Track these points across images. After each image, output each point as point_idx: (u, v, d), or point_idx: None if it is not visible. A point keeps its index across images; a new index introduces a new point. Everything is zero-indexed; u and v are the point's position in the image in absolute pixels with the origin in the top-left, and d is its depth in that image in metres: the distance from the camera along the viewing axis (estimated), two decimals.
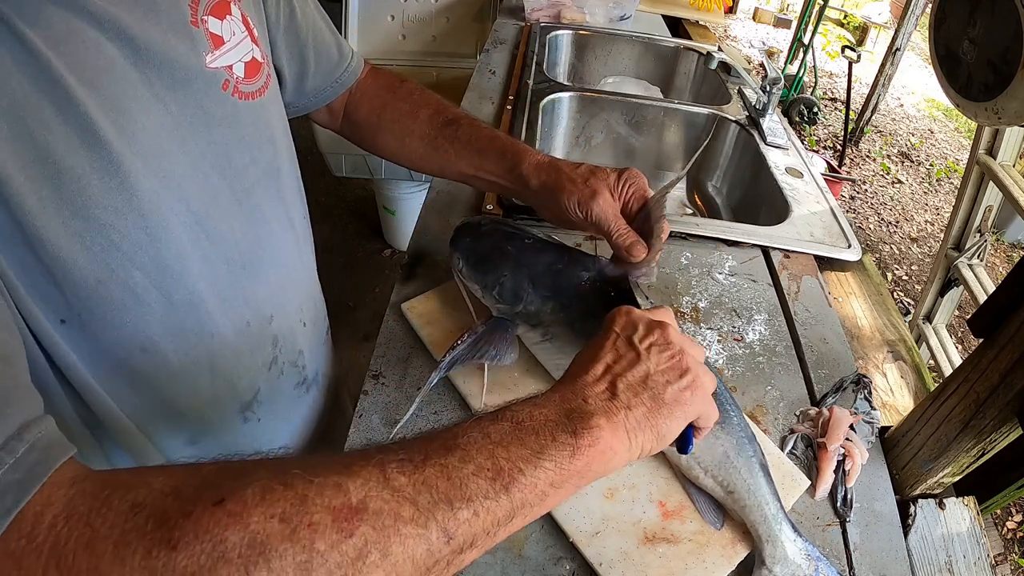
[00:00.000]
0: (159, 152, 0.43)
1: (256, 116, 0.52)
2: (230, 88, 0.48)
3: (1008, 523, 1.94)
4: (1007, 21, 0.61)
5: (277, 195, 0.58)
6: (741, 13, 5.97)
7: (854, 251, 0.92)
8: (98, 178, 0.40)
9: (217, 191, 0.49)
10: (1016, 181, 1.52)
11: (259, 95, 0.52)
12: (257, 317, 0.57)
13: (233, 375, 0.56)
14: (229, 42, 0.48)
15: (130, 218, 0.42)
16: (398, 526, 0.30)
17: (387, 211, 2.32)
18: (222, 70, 0.48)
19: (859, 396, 0.69)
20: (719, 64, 1.24)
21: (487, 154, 0.67)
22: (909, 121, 4.63)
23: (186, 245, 0.47)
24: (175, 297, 0.48)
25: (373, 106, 0.72)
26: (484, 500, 0.32)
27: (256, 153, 0.53)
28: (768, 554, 0.51)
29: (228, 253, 0.52)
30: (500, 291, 0.63)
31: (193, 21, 0.45)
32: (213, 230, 0.49)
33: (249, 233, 0.54)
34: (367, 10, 1.91)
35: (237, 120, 0.50)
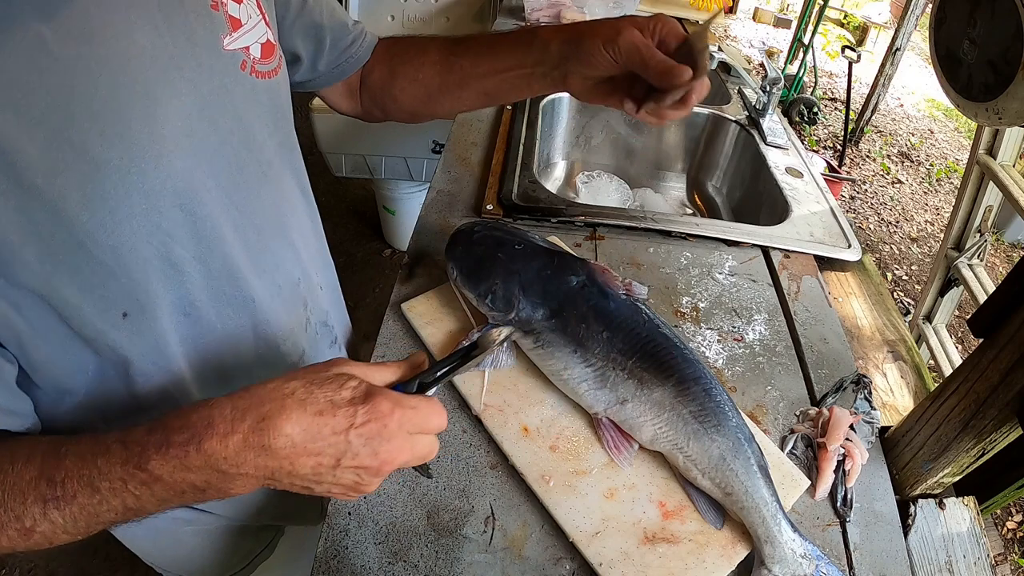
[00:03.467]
0: (189, 132, 0.46)
1: (272, 94, 0.55)
2: (248, 68, 0.51)
3: (1008, 523, 1.94)
4: (1007, 21, 0.61)
5: (291, 167, 0.61)
6: (741, 13, 5.97)
7: (854, 251, 0.92)
8: (134, 166, 0.42)
9: (244, 164, 0.52)
10: (1016, 181, 1.52)
11: (274, 75, 0.54)
12: (288, 281, 0.61)
13: (276, 338, 0.60)
14: (246, 24, 0.51)
15: (166, 198, 0.45)
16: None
17: (387, 211, 2.32)
18: (240, 51, 0.50)
19: (859, 396, 0.69)
20: (719, 64, 1.24)
21: (501, 48, 0.63)
22: (909, 121, 4.63)
23: (219, 217, 0.50)
24: (213, 266, 0.51)
25: (383, 62, 0.72)
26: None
27: (273, 128, 0.56)
28: (768, 554, 0.51)
29: (257, 222, 0.55)
30: (493, 299, 0.63)
31: (214, 5, 0.48)
32: (242, 201, 0.52)
33: (274, 203, 0.57)
34: (367, 10, 1.91)
35: (256, 98, 0.53)
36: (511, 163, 1.00)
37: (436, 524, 0.54)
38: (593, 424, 0.61)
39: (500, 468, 0.59)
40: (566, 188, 1.35)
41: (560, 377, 0.62)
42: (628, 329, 0.60)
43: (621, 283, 0.64)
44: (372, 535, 0.53)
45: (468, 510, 0.55)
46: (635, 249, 0.88)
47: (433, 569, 0.51)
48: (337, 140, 1.82)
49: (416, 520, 0.54)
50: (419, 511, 0.55)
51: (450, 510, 0.55)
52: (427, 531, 0.54)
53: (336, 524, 0.54)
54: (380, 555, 0.52)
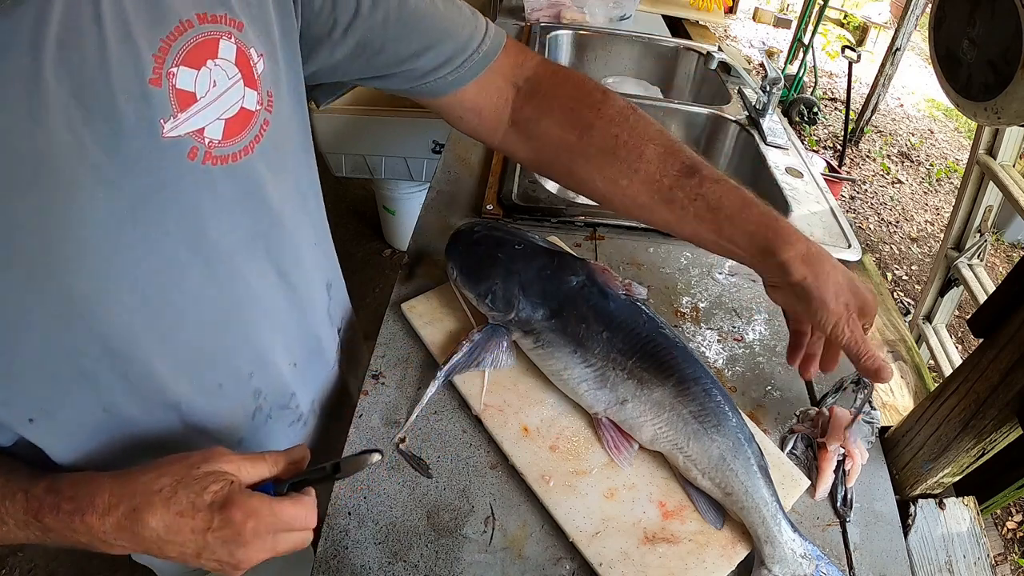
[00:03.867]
0: (104, 241, 0.39)
1: (240, 179, 0.45)
2: (199, 156, 0.41)
3: (1008, 523, 1.94)
4: (1007, 21, 0.61)
5: (266, 253, 0.52)
6: (741, 13, 5.97)
7: (854, 251, 0.92)
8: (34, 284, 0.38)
9: (184, 265, 0.45)
10: (1016, 181, 1.52)
11: (244, 154, 0.44)
12: (232, 378, 0.54)
13: (209, 431, 0.55)
14: (205, 97, 0.40)
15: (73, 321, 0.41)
16: None
17: (387, 211, 2.32)
18: (188, 136, 0.40)
19: (859, 396, 0.69)
20: (719, 64, 1.24)
21: (737, 225, 0.54)
22: (909, 121, 4.63)
23: (137, 329, 0.44)
24: (132, 375, 0.46)
25: (567, 121, 0.57)
26: None
27: (238, 218, 0.47)
28: (768, 554, 0.51)
29: (196, 321, 0.48)
30: (493, 299, 0.63)
31: (154, 79, 0.37)
32: (176, 303, 0.46)
33: (222, 303, 0.50)
34: None
35: (210, 190, 0.43)
36: (511, 163, 1.00)
37: (436, 524, 0.54)
38: (593, 424, 0.61)
39: (500, 468, 0.59)
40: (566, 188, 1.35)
41: (560, 377, 0.62)
42: (628, 329, 0.60)
43: (621, 283, 0.64)
44: (372, 535, 0.53)
45: (468, 510, 0.55)
46: (635, 249, 0.88)
47: (433, 569, 0.51)
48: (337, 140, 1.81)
49: (416, 520, 0.54)
50: (419, 511, 0.55)
51: (450, 510, 0.55)
52: (427, 531, 0.54)
53: (336, 524, 0.54)
54: (380, 555, 0.52)
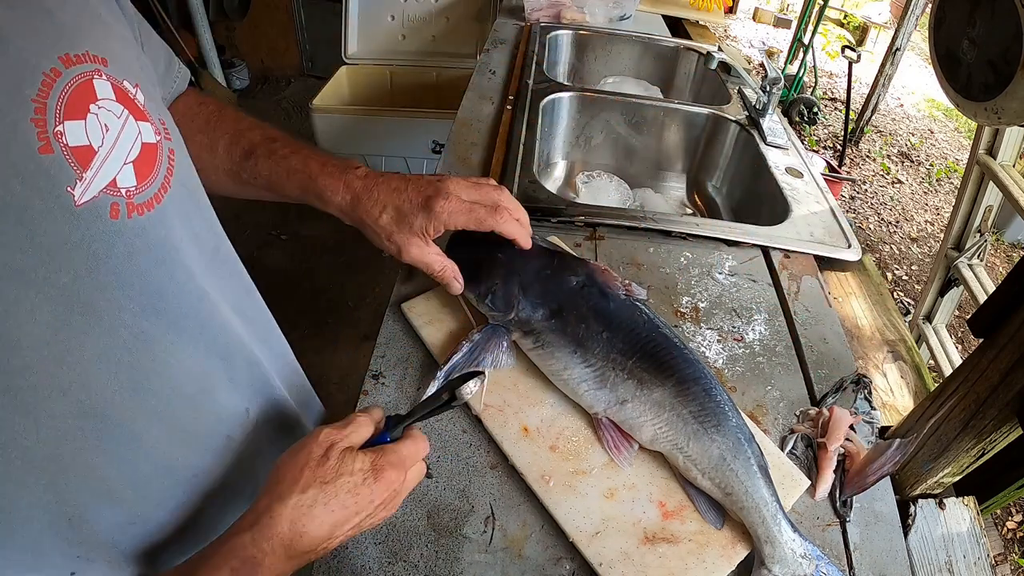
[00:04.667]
0: (54, 354, 0.35)
1: (171, 219, 0.41)
2: (122, 210, 0.36)
3: (1008, 523, 1.94)
4: (1007, 21, 0.61)
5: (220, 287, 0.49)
6: (741, 13, 5.97)
7: (854, 251, 0.92)
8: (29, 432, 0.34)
9: (150, 335, 0.41)
10: (1016, 181, 1.52)
11: (164, 192, 0.39)
12: (219, 440, 0.51)
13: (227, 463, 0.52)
14: (103, 146, 0.35)
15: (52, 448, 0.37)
16: None
17: None
18: (103, 194, 0.35)
19: (859, 396, 0.69)
20: (719, 64, 1.24)
21: (291, 190, 0.59)
22: (909, 121, 4.63)
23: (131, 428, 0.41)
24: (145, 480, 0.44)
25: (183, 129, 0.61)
26: None
27: (188, 262, 0.43)
28: (768, 554, 0.51)
29: (177, 390, 0.44)
30: (493, 300, 0.63)
31: (43, 147, 0.32)
32: (159, 374, 0.42)
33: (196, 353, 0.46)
34: (367, 10, 1.91)
35: (146, 242, 0.38)
36: (511, 163, 1.00)
37: (436, 524, 0.54)
38: (593, 424, 0.61)
39: (500, 468, 0.59)
40: (566, 188, 1.35)
41: (560, 377, 0.62)
42: (628, 329, 0.60)
43: (621, 283, 0.64)
44: (372, 535, 0.53)
45: (468, 510, 0.55)
46: (635, 249, 0.88)
47: (433, 569, 0.51)
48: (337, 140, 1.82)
49: (416, 520, 0.54)
50: (419, 511, 0.55)
51: (450, 510, 0.55)
52: (427, 531, 0.54)
53: None
54: (380, 555, 0.52)
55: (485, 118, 1.16)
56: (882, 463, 0.58)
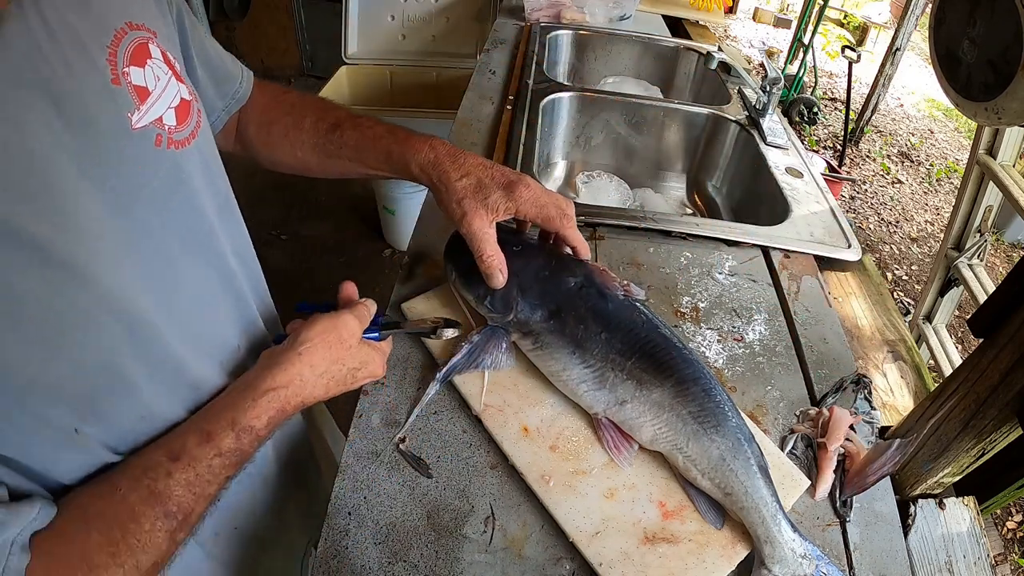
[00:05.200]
0: (105, 234, 0.41)
1: (196, 159, 0.50)
2: (164, 142, 0.45)
3: (1008, 523, 1.94)
4: (1007, 21, 0.61)
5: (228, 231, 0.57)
6: (741, 13, 5.97)
7: (854, 251, 0.92)
8: (55, 291, 0.38)
9: (176, 247, 0.48)
10: (1016, 181, 1.52)
11: (193, 138, 0.49)
12: (228, 354, 0.57)
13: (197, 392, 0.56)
14: (155, 90, 0.44)
15: (101, 317, 0.42)
16: None
17: (387, 211, 2.32)
18: (152, 125, 0.44)
19: (859, 396, 0.69)
20: (719, 64, 1.24)
21: (373, 156, 0.66)
22: (909, 121, 4.63)
23: (154, 314, 0.46)
24: (155, 361, 0.48)
25: (261, 123, 0.70)
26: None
27: (207, 194, 0.52)
28: (767, 554, 0.51)
29: (197, 299, 0.52)
30: (492, 301, 0.63)
31: (114, 79, 0.41)
32: (180, 284, 0.49)
33: (211, 278, 0.54)
34: (367, 10, 1.91)
35: (179, 172, 0.47)
36: (511, 163, 1.00)
37: (436, 524, 0.54)
38: (593, 424, 0.61)
39: (500, 468, 0.59)
40: (566, 188, 1.35)
41: (559, 378, 0.62)
42: (626, 330, 0.60)
43: (620, 284, 0.64)
44: (372, 535, 0.53)
45: (468, 510, 0.55)
46: (635, 249, 0.88)
47: (433, 569, 0.51)
48: None
49: (416, 520, 0.54)
50: (419, 511, 0.55)
51: (450, 510, 0.55)
52: (427, 531, 0.54)
53: (336, 524, 0.54)
54: (380, 555, 0.52)
55: (485, 118, 1.16)
56: (882, 463, 0.58)
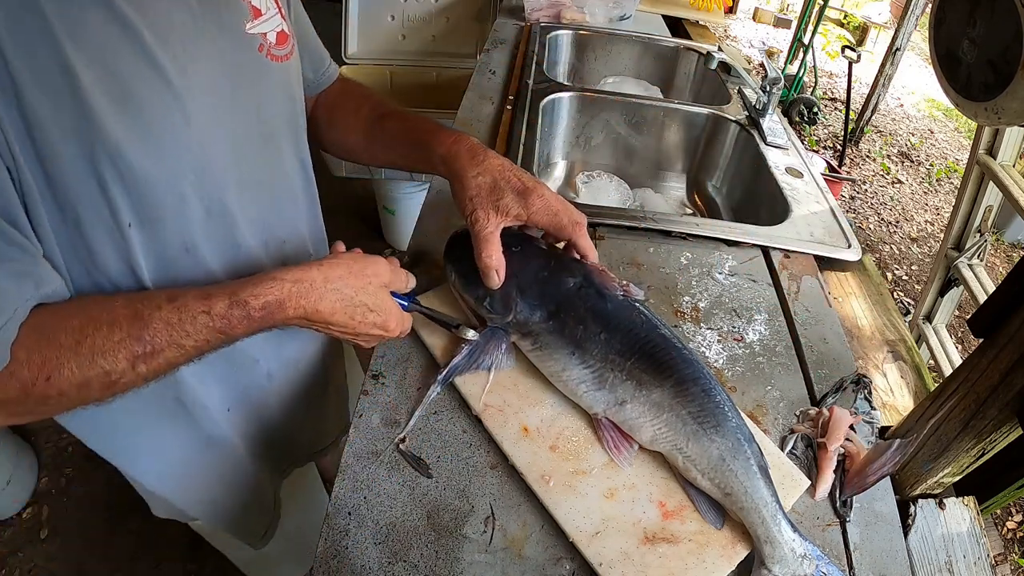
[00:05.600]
0: (211, 90, 0.54)
1: (283, 76, 0.64)
2: (265, 51, 0.60)
3: (1008, 523, 1.94)
4: (1007, 21, 0.61)
5: (294, 143, 0.70)
6: (741, 13, 5.97)
7: (854, 251, 0.92)
8: (165, 107, 0.50)
9: (250, 130, 0.60)
10: (1016, 181, 1.52)
11: (286, 59, 0.63)
12: (273, 239, 0.69)
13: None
14: (265, 14, 0.60)
15: (184, 139, 0.52)
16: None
17: (387, 211, 2.32)
18: (259, 35, 0.59)
19: (859, 396, 0.69)
20: (719, 64, 1.24)
21: (405, 144, 0.74)
22: (909, 121, 4.63)
23: (223, 168, 0.57)
24: (212, 209, 0.58)
25: (329, 105, 0.82)
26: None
27: (281, 106, 0.65)
28: (767, 554, 0.51)
29: (254, 180, 0.63)
30: (491, 302, 0.63)
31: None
32: (244, 161, 0.60)
33: (272, 170, 0.66)
34: (367, 10, 1.91)
35: (268, 77, 0.61)
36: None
37: (436, 524, 0.54)
38: (593, 424, 0.61)
39: (500, 468, 0.59)
40: (566, 188, 1.35)
41: (559, 378, 0.62)
42: (626, 330, 0.60)
43: (619, 284, 0.64)
44: (372, 535, 0.53)
45: (468, 510, 0.55)
46: (635, 249, 0.88)
47: (433, 569, 0.51)
48: None
49: (416, 520, 0.54)
50: (419, 511, 0.55)
51: (450, 510, 0.55)
52: (427, 531, 0.54)
53: (336, 524, 0.54)
54: (380, 555, 0.52)
55: (485, 118, 1.16)
56: (882, 463, 0.58)
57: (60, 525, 1.61)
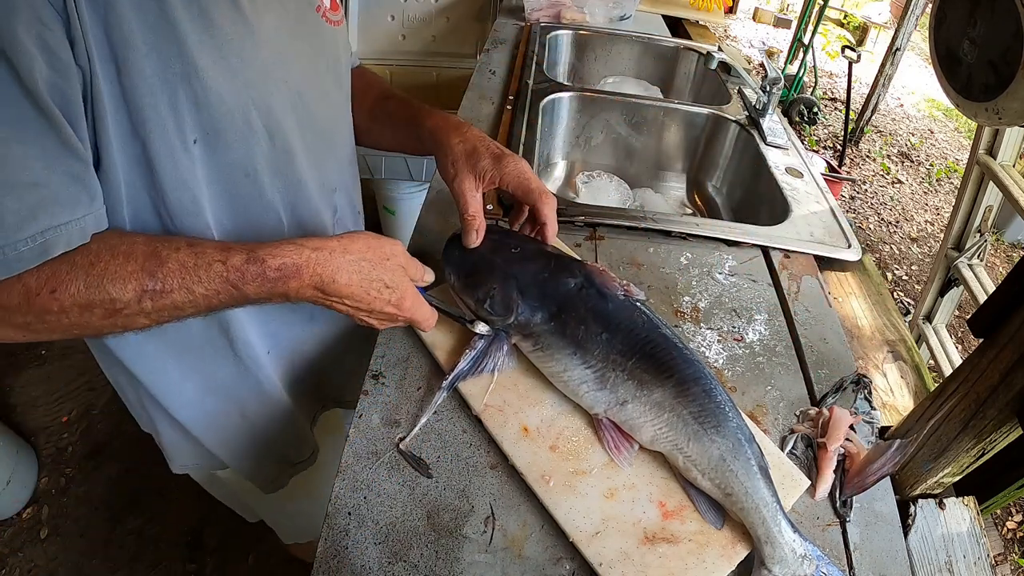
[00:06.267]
0: (278, 35, 0.59)
1: (334, 38, 0.70)
2: (321, 11, 0.67)
3: (1008, 523, 1.94)
4: (1007, 21, 0.61)
5: (343, 100, 0.76)
6: (741, 13, 5.97)
7: (854, 251, 0.92)
8: (239, 37, 0.54)
9: (309, 79, 0.65)
10: (1016, 181, 1.52)
11: (338, 24, 0.71)
12: (326, 184, 0.73)
13: (306, 224, 0.70)
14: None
15: (254, 67, 0.56)
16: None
17: (387, 211, 2.32)
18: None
19: (859, 396, 0.69)
20: (719, 64, 1.23)
21: (402, 123, 0.79)
22: (909, 121, 4.63)
23: (286, 106, 0.61)
24: (276, 141, 0.61)
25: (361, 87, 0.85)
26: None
27: (332, 63, 0.70)
28: (768, 555, 0.51)
29: (315, 125, 0.67)
30: (491, 304, 0.63)
31: None
32: (307, 104, 0.65)
33: (325, 120, 0.70)
34: (367, 10, 1.91)
35: (322, 37, 0.67)
36: None
37: (436, 524, 0.54)
38: (593, 424, 0.61)
39: (500, 468, 0.59)
40: (566, 188, 1.35)
41: (560, 379, 0.62)
42: (627, 330, 0.60)
43: (620, 284, 0.64)
44: (372, 535, 0.53)
45: (468, 510, 0.55)
46: (635, 249, 0.88)
47: (433, 569, 0.51)
48: None
49: (416, 520, 0.54)
50: (419, 511, 0.55)
51: (450, 510, 0.55)
52: (427, 531, 0.54)
53: (336, 524, 0.54)
54: (380, 555, 0.52)
55: (485, 118, 1.16)
56: (882, 463, 0.58)
57: (60, 525, 1.61)
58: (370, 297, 0.57)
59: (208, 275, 0.50)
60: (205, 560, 1.53)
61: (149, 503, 1.66)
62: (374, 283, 0.57)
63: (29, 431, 1.80)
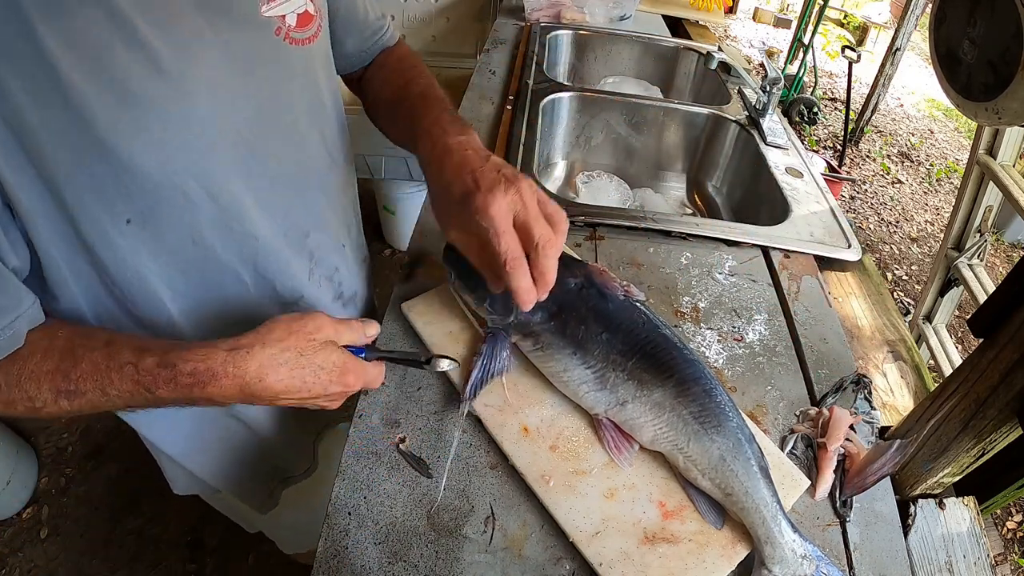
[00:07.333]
0: (215, 82, 0.51)
1: (304, 60, 0.61)
2: (282, 34, 0.57)
3: (1008, 523, 1.94)
4: (1007, 21, 0.61)
5: (319, 129, 0.66)
6: (741, 13, 5.97)
7: (854, 251, 0.92)
8: (162, 99, 0.48)
9: (266, 119, 0.57)
10: (1016, 181, 1.52)
11: (308, 43, 0.60)
12: (294, 230, 0.66)
13: (273, 278, 0.65)
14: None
15: (186, 135, 0.50)
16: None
17: (387, 211, 2.32)
18: (275, 19, 0.56)
19: (859, 396, 0.69)
20: (719, 64, 1.23)
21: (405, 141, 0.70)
22: (909, 121, 4.63)
23: (232, 159, 0.55)
24: (222, 201, 0.56)
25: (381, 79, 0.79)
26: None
27: (301, 91, 0.62)
28: (768, 555, 0.51)
29: (271, 171, 0.60)
30: (492, 303, 0.63)
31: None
32: (260, 150, 0.58)
33: (292, 158, 0.63)
34: None
35: (290, 59, 0.59)
36: (511, 163, 1.00)
37: (436, 524, 0.54)
38: (593, 424, 0.61)
39: (500, 468, 0.59)
40: (566, 188, 1.35)
41: (560, 379, 0.62)
42: (627, 330, 0.60)
43: (620, 284, 0.64)
44: (372, 535, 0.53)
45: (468, 510, 0.55)
46: (635, 249, 0.88)
47: (433, 569, 0.51)
48: None
49: (416, 520, 0.54)
50: (419, 511, 0.55)
51: (450, 510, 0.55)
52: (427, 531, 0.54)
53: (336, 524, 0.54)
54: (380, 555, 0.52)
55: (485, 118, 1.16)
56: (882, 463, 0.58)
57: (60, 525, 1.62)
58: (308, 385, 0.51)
59: (120, 377, 0.47)
60: (205, 560, 1.53)
61: (149, 503, 1.66)
62: (307, 370, 0.51)
63: (29, 431, 1.80)
